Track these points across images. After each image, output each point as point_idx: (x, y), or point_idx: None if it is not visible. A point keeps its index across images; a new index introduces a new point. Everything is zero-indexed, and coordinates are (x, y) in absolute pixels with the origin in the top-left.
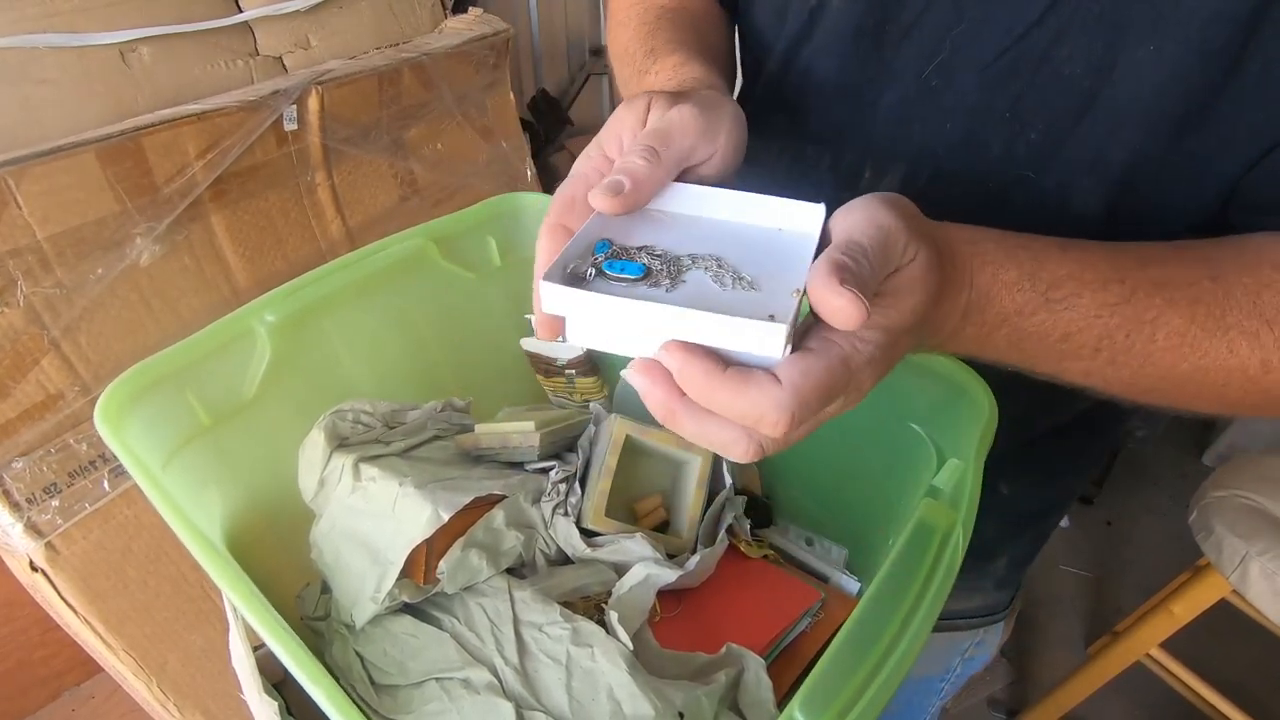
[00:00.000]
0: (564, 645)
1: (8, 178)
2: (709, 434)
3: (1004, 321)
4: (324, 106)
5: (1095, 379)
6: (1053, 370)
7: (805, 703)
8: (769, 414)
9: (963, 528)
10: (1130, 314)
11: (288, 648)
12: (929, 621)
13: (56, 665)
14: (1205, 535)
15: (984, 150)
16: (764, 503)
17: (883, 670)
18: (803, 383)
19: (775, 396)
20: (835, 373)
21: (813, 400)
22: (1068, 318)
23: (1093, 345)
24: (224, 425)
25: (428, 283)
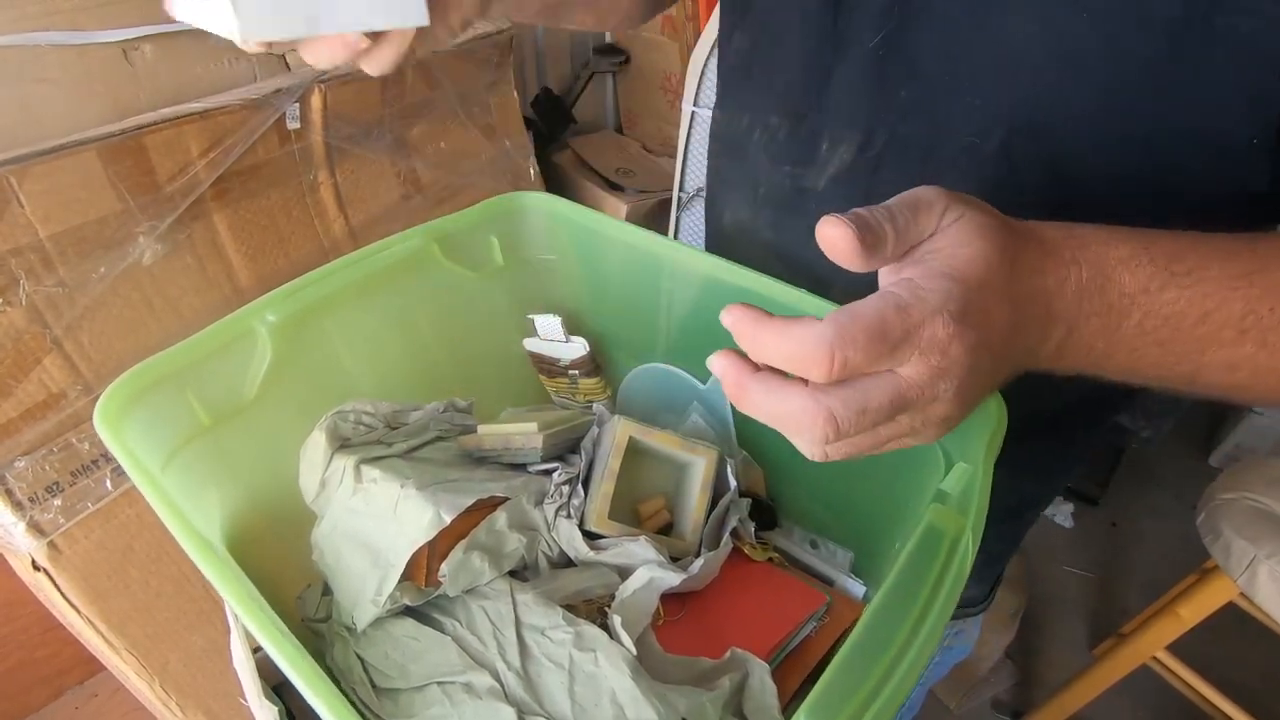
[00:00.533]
0: (567, 649)
1: (10, 176)
2: (774, 404)
3: (1131, 303)
4: (327, 105)
5: (1243, 373)
6: (1192, 368)
7: (813, 711)
8: (811, 350)
9: (972, 533)
10: (1268, 284)
11: (285, 652)
12: (939, 628)
13: (59, 663)
14: (1213, 538)
15: (934, 116)
16: (768, 505)
17: (892, 678)
18: (848, 320)
19: (818, 331)
20: (888, 315)
21: (861, 338)
22: (1201, 291)
23: (1236, 324)
24: (224, 426)
25: (430, 282)
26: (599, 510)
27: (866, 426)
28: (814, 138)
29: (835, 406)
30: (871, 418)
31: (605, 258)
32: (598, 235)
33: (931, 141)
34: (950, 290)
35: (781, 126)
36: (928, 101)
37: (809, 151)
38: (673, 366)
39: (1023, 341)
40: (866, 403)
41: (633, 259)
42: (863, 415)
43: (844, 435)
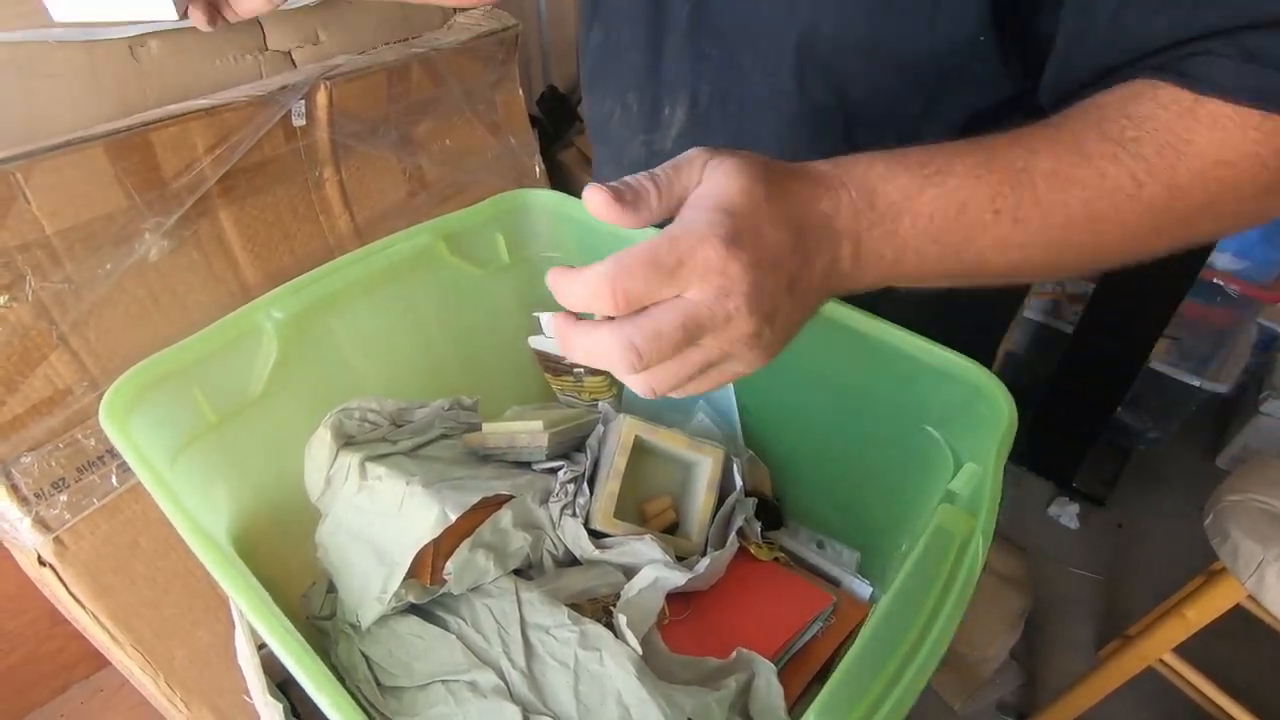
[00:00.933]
0: (572, 648)
1: (16, 173)
2: (588, 344)
3: (899, 209)
4: (333, 102)
5: (1014, 252)
6: (973, 256)
7: (823, 712)
8: (596, 287)
9: (982, 534)
10: (1002, 168)
11: (290, 649)
12: (949, 630)
13: (65, 658)
14: (1221, 540)
15: (739, 68)
16: (774, 505)
17: (902, 679)
18: (625, 255)
19: (601, 269)
20: (659, 246)
21: (636, 269)
22: (952, 185)
23: (989, 207)
24: (230, 423)
25: (436, 280)
26: (604, 509)
27: (667, 350)
28: (657, 105)
29: (631, 333)
30: (669, 340)
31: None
32: (603, 233)
33: (742, 90)
34: (716, 218)
35: (634, 101)
36: (732, 55)
37: (655, 118)
38: None
39: (819, 262)
40: (658, 326)
41: None
42: (658, 338)
43: (649, 360)
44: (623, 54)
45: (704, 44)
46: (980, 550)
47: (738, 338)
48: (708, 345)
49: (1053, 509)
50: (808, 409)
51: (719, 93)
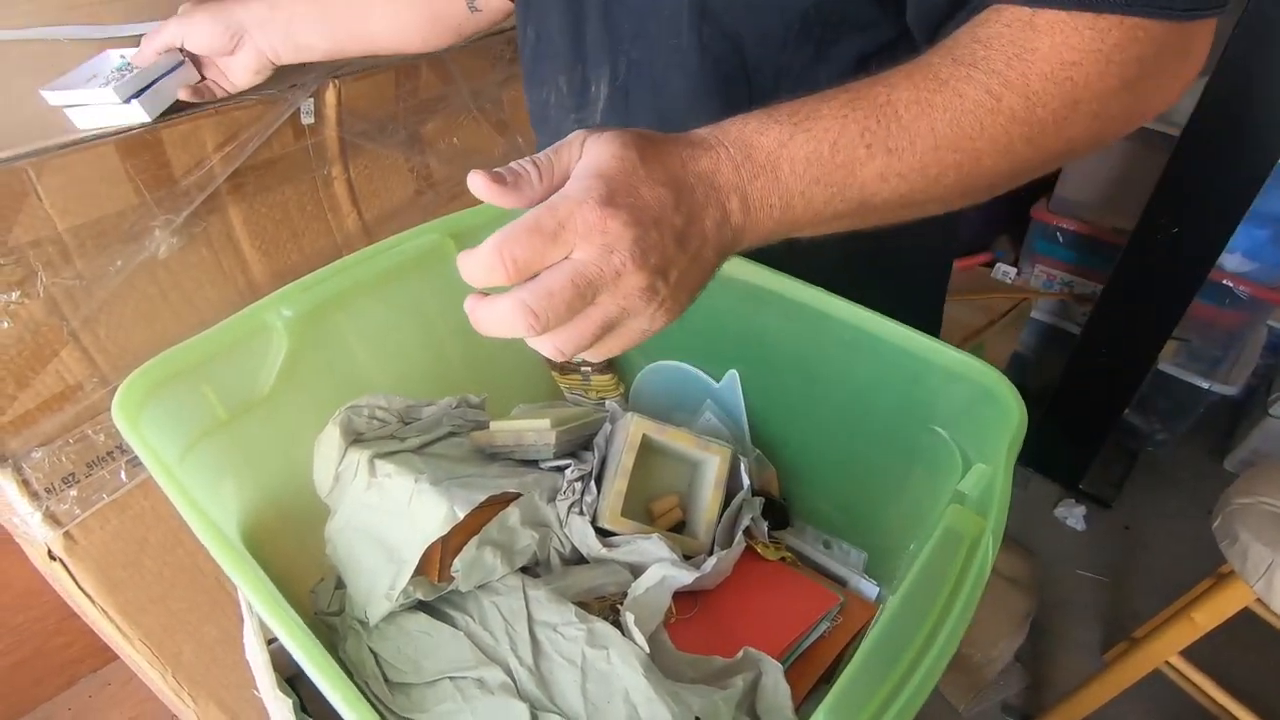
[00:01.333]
0: (579, 646)
1: (29, 169)
2: (490, 314)
3: (776, 158)
4: (341, 100)
5: (894, 181)
6: (858, 193)
7: (831, 712)
8: (486, 258)
9: (992, 535)
10: (866, 105)
11: (302, 645)
12: (959, 630)
13: (73, 652)
14: (1230, 543)
15: (647, 37)
16: (781, 504)
17: (911, 680)
18: (509, 226)
19: (488, 242)
20: (539, 213)
21: (520, 235)
22: (822, 128)
23: (861, 143)
24: (240, 419)
25: (443, 278)
26: (612, 507)
27: (561, 308)
28: (585, 84)
29: (524, 295)
30: (560, 298)
31: None
32: None
33: (653, 57)
34: (591, 184)
35: (564, 84)
36: (643, 26)
37: (584, 96)
38: (685, 364)
39: (708, 217)
40: (548, 285)
41: None
42: (550, 296)
43: (546, 320)
44: (551, 41)
45: (618, 18)
46: (990, 551)
47: (631, 292)
48: (604, 303)
49: (1059, 510)
50: (815, 408)
51: (634, 63)
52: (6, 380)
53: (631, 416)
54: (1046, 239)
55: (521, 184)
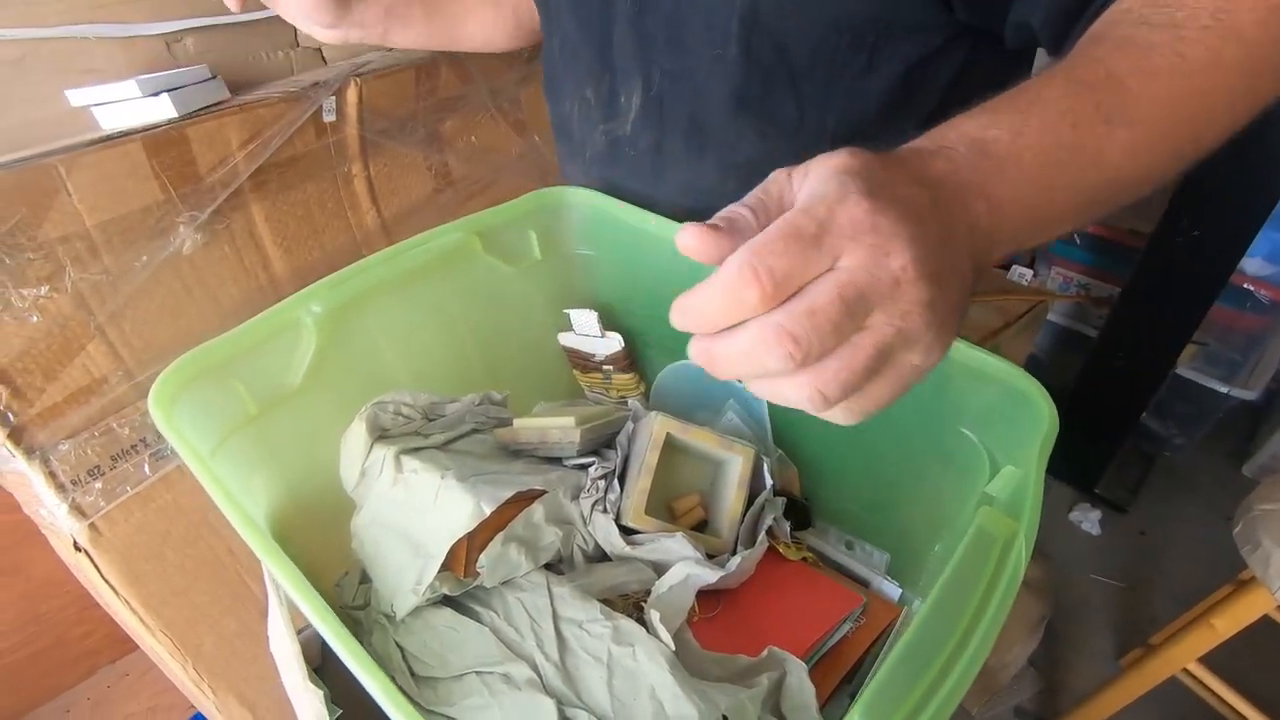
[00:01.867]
0: (605, 643)
1: (59, 166)
2: (730, 347)
3: (1015, 149)
4: (362, 98)
5: (1142, 155)
6: (1107, 176)
7: (868, 710)
8: (734, 277)
9: (1025, 538)
10: (1088, 81)
11: (336, 633)
12: (993, 632)
13: (93, 643)
14: (1251, 549)
15: (685, 46)
16: (803, 505)
17: (946, 682)
18: (758, 237)
19: (732, 259)
20: (792, 218)
21: (775, 244)
22: (1055, 110)
23: (1099, 118)
24: (269, 415)
25: (468, 276)
26: (636, 506)
27: (827, 330)
28: (613, 95)
29: (780, 318)
30: (826, 316)
31: (643, 253)
32: (637, 231)
33: (690, 66)
34: (845, 180)
35: (591, 95)
36: (678, 35)
37: (613, 108)
38: None
39: (960, 221)
40: (811, 302)
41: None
42: (813, 315)
43: (809, 347)
44: (577, 52)
45: (650, 26)
46: (1023, 554)
47: (911, 307)
48: (877, 323)
49: (1074, 514)
50: None
51: (668, 72)
52: (35, 373)
53: (655, 415)
54: (1063, 240)
55: (738, 228)
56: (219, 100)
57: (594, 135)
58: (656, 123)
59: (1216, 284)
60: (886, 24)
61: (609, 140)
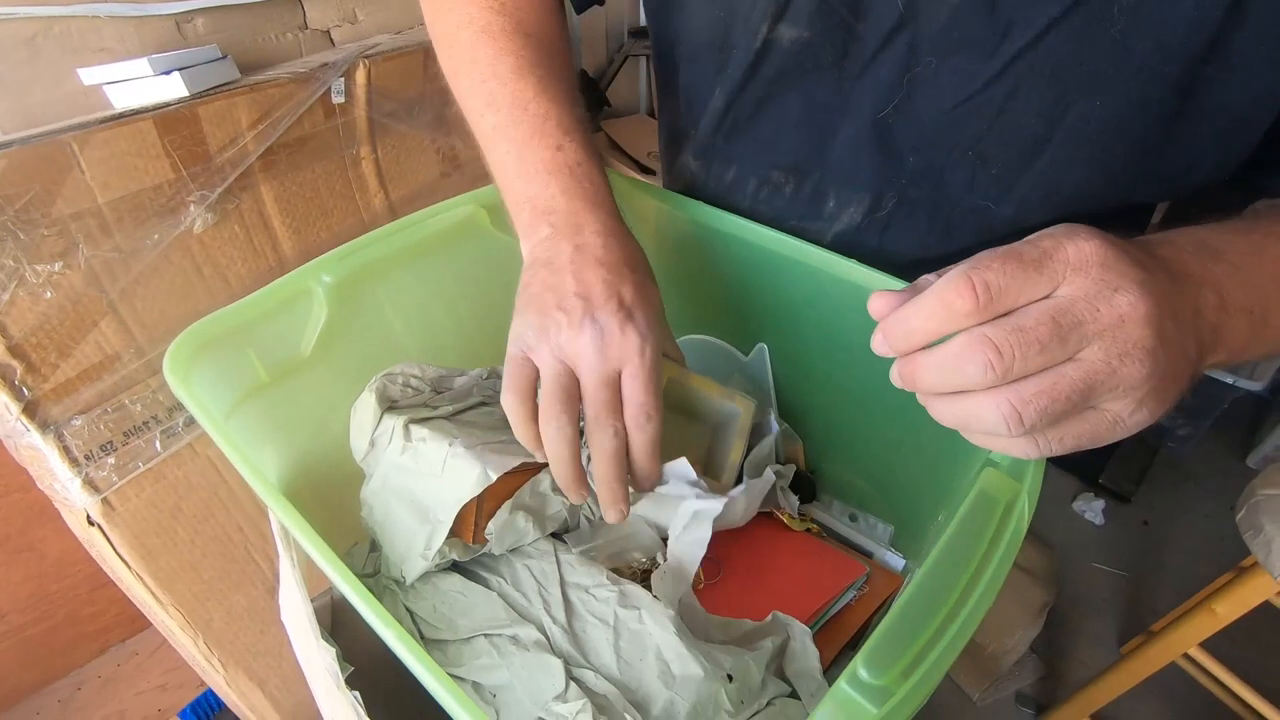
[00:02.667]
0: (611, 607)
1: (73, 143)
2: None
3: (1249, 263)
4: (370, 80)
5: None
6: None
7: (869, 661)
8: (951, 285)
9: (1028, 497)
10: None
11: (355, 589)
12: (994, 587)
13: (104, 621)
14: (1253, 534)
15: (945, 182)
16: (808, 477)
17: (946, 633)
18: (980, 255)
19: (952, 271)
20: (1017, 246)
21: (995, 262)
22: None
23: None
24: (280, 384)
25: (476, 250)
26: None
27: (1034, 349)
28: (820, 196)
29: (988, 330)
30: (1036, 335)
31: (648, 228)
32: (642, 205)
33: (939, 202)
34: (1074, 227)
35: (787, 183)
36: (937, 167)
37: (815, 208)
38: (714, 338)
39: (1189, 301)
40: (1023, 318)
41: (676, 229)
42: (1021, 332)
43: (1010, 362)
44: (774, 128)
45: (902, 147)
46: (1026, 512)
47: (1132, 349)
48: (1090, 357)
49: (1077, 504)
50: (843, 380)
51: (909, 201)
52: (49, 349)
53: None
54: None
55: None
56: (229, 80)
57: (776, 225)
58: (872, 248)
59: None
60: None
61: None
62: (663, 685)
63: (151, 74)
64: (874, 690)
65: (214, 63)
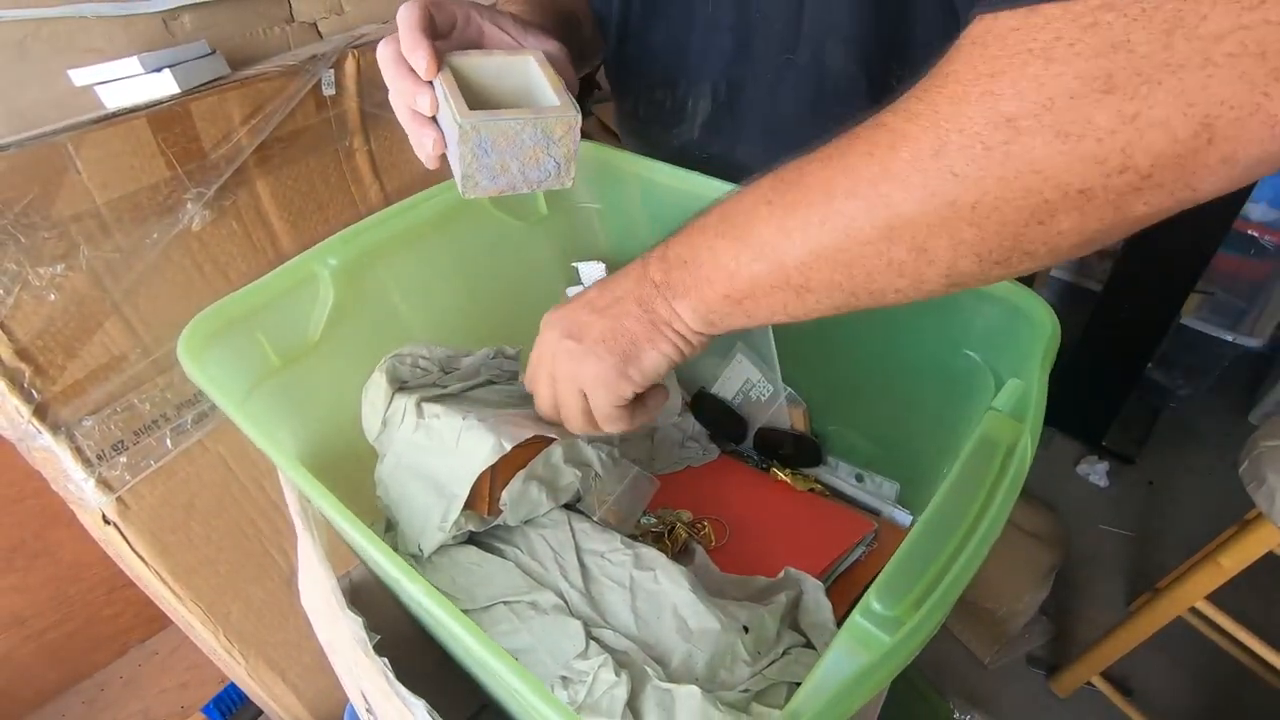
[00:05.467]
0: (627, 570)
1: (68, 144)
2: None
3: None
4: (360, 71)
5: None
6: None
7: (881, 593)
8: None
9: (1030, 435)
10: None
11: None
12: (999, 522)
13: (123, 622)
14: (1256, 485)
15: (751, 52)
16: (813, 442)
17: (955, 565)
18: None
19: None
20: None
21: None
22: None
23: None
24: (292, 367)
25: (478, 232)
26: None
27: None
28: (683, 101)
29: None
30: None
31: (649, 203)
32: (644, 180)
33: (760, 72)
34: None
35: (665, 99)
36: (749, 44)
37: (680, 113)
38: None
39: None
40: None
41: (675, 202)
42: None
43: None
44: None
45: (729, 35)
46: (1029, 450)
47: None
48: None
49: (1082, 467)
50: (846, 343)
51: (736, 82)
52: (55, 351)
53: None
54: None
55: None
56: (219, 76)
57: (664, 138)
58: (729, 132)
59: (1220, 231)
60: None
61: (676, 146)
62: (681, 639)
63: (142, 72)
64: (887, 620)
65: (203, 59)
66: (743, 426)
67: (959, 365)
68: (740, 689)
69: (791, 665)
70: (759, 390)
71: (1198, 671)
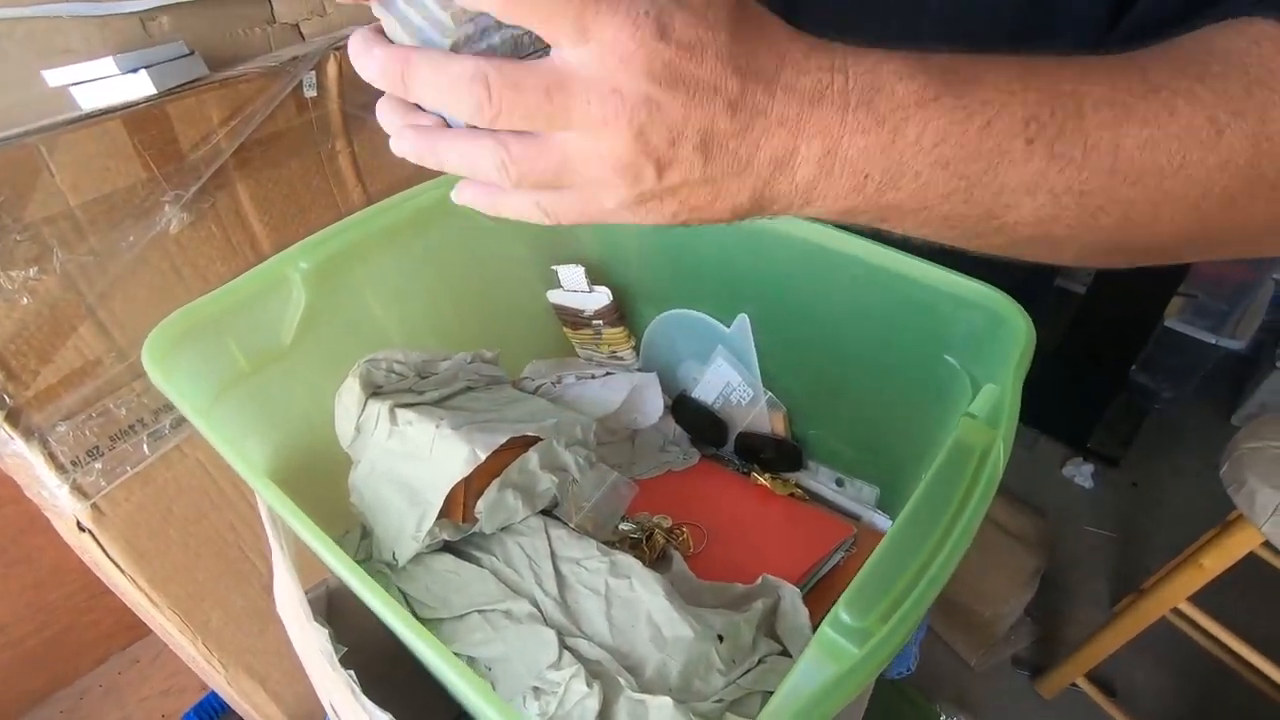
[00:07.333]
0: (602, 577)
1: (40, 146)
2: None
3: (905, 116)
4: (342, 72)
5: (1043, 198)
6: (991, 200)
7: (850, 604)
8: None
9: (1003, 442)
10: (1045, 86)
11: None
12: (970, 531)
13: (103, 629)
14: (1237, 487)
15: None
16: (794, 447)
17: (925, 576)
18: None
19: None
20: None
21: None
22: (980, 98)
23: (1021, 132)
24: (263, 372)
25: (453, 233)
26: None
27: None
28: None
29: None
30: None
31: None
32: None
33: None
34: None
35: None
36: None
37: None
38: (696, 311)
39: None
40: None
41: None
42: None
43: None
44: None
45: None
46: (1002, 457)
47: (603, 152)
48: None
49: (1067, 469)
50: (827, 347)
51: None
52: (29, 355)
53: None
54: None
55: None
56: (198, 77)
57: None
58: None
59: None
60: None
61: None
62: (655, 648)
63: (118, 73)
64: (855, 632)
65: (181, 59)
66: (723, 430)
67: (938, 371)
68: (714, 699)
69: (767, 674)
70: (739, 394)
71: (1181, 672)
